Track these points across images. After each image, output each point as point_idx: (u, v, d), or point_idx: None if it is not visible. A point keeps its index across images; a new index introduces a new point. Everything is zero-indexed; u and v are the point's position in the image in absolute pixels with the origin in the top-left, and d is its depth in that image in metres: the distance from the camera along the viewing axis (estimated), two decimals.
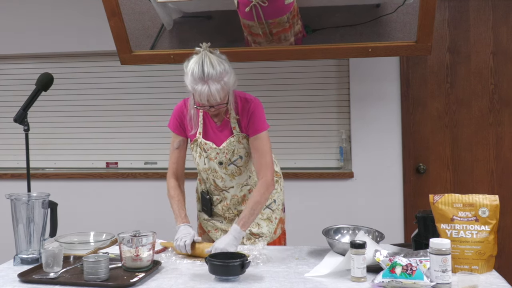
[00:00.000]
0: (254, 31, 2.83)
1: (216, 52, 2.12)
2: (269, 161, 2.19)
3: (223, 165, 2.26)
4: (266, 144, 2.20)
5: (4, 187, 3.50)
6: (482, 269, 1.79)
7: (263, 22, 2.74)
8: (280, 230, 2.40)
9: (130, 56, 3.07)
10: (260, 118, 2.20)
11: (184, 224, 2.19)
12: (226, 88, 2.07)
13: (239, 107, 2.22)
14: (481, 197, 1.83)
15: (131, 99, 3.95)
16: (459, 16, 3.58)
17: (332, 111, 3.75)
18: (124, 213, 3.85)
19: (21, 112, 2.42)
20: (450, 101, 3.62)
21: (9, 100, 4.01)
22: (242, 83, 2.34)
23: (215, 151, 2.24)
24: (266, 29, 2.79)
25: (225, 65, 2.06)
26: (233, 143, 2.22)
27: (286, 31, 2.81)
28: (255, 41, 2.89)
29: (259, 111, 2.20)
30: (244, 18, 2.78)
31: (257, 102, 2.22)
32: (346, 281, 1.74)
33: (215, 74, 2.01)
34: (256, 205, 2.13)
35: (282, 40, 2.85)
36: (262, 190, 2.15)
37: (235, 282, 1.76)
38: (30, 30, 3.93)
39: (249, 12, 2.72)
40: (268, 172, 2.17)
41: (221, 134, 2.24)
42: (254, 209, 2.12)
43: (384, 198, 3.62)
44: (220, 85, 2.03)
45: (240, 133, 2.21)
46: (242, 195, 2.32)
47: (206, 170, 2.31)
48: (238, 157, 2.23)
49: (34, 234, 2.04)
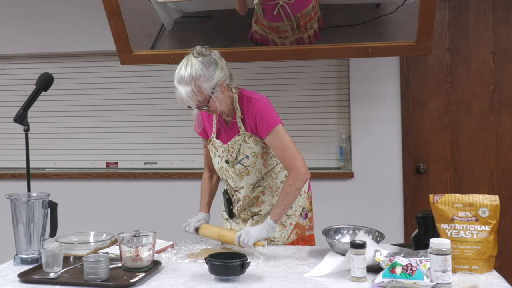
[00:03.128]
0: (281, 29, 2.84)
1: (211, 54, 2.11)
2: (292, 153, 2.16)
3: (230, 164, 2.26)
4: (283, 138, 2.17)
5: (4, 187, 3.50)
6: (482, 269, 1.79)
7: (291, 19, 2.75)
8: (295, 236, 2.33)
9: (130, 56, 3.07)
10: (267, 115, 2.17)
11: (200, 212, 2.36)
12: (201, 91, 2.05)
13: (244, 106, 2.22)
14: (481, 197, 1.83)
15: (131, 99, 3.95)
16: (459, 16, 3.58)
17: (332, 111, 3.75)
18: (124, 213, 3.85)
19: (21, 112, 2.42)
20: (450, 101, 3.62)
21: (9, 100, 4.01)
22: (242, 83, 2.34)
23: (221, 149, 2.26)
24: (294, 23, 2.80)
25: (205, 69, 2.05)
26: (238, 142, 2.22)
27: (312, 19, 2.80)
28: (281, 37, 2.88)
29: (264, 109, 2.18)
30: (272, 22, 2.79)
31: (261, 101, 2.20)
32: (346, 281, 1.74)
33: (186, 77, 2.03)
34: (285, 196, 2.12)
35: (308, 29, 2.83)
36: (291, 181, 2.13)
37: (235, 282, 1.76)
38: (30, 30, 3.93)
39: (277, 14, 2.73)
40: (296, 163, 2.15)
41: (229, 133, 2.25)
42: (283, 200, 2.12)
43: (384, 198, 3.62)
44: (191, 88, 2.04)
45: (246, 132, 2.21)
46: (255, 196, 2.29)
47: (219, 170, 2.33)
48: (244, 156, 2.23)
49: (34, 234, 2.03)
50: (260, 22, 2.84)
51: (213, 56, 2.11)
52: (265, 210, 2.28)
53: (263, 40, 2.93)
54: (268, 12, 2.76)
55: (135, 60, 3.09)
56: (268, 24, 2.82)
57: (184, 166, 3.87)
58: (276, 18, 2.78)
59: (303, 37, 2.88)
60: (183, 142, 3.86)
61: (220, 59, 2.14)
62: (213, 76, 2.07)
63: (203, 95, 2.07)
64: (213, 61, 2.09)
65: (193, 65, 2.04)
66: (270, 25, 2.82)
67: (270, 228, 2.09)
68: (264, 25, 2.83)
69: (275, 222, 2.10)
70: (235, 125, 2.23)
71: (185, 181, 3.77)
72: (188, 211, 2.40)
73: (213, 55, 2.11)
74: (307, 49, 2.94)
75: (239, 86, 2.28)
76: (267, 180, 2.28)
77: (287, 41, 2.91)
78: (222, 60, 2.15)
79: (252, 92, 2.27)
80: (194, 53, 2.08)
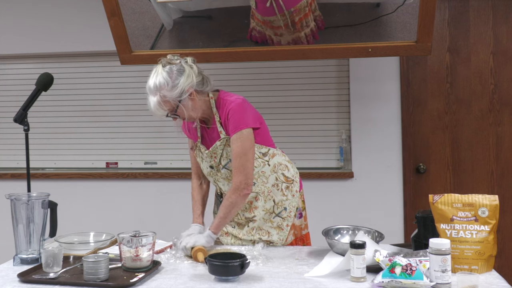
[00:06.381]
0: (275, 25, 2.83)
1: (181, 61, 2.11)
2: (241, 163, 2.12)
3: (215, 169, 2.26)
4: (242, 144, 2.13)
5: (4, 187, 3.51)
6: (481, 269, 1.79)
7: (284, 14, 2.74)
8: (292, 236, 2.32)
9: (130, 56, 3.07)
10: (238, 116, 2.14)
11: (194, 224, 2.29)
12: (167, 101, 2.07)
13: (221, 109, 2.20)
14: (481, 197, 1.83)
15: (131, 99, 3.95)
16: (459, 16, 3.58)
17: (332, 111, 3.75)
18: (124, 213, 3.85)
19: (21, 112, 2.42)
20: (450, 101, 3.62)
21: (9, 100, 4.01)
22: (242, 83, 2.34)
23: (205, 154, 2.26)
24: (288, 19, 2.79)
25: (169, 78, 2.06)
26: (219, 147, 2.20)
27: (307, 16, 2.79)
28: (276, 34, 2.88)
29: (236, 110, 2.15)
30: (264, 16, 2.78)
31: (236, 101, 2.16)
32: (346, 281, 1.74)
33: (152, 88, 2.08)
34: (223, 209, 2.15)
35: (303, 27, 2.83)
36: (229, 194, 2.15)
37: (235, 282, 1.76)
38: (30, 30, 3.93)
39: (269, 8, 2.72)
40: (239, 176, 2.13)
41: (211, 138, 2.25)
42: (220, 212, 2.15)
43: (384, 198, 3.62)
44: (157, 98, 2.07)
45: (227, 136, 2.19)
46: (248, 202, 2.25)
47: (208, 174, 2.32)
48: (229, 160, 2.21)
49: (34, 234, 2.03)
50: (255, 16, 2.83)
51: (182, 64, 2.11)
52: (259, 215, 2.26)
53: (262, 38, 2.93)
54: (260, 4, 2.74)
55: (135, 60, 3.09)
56: (262, 18, 2.80)
57: (184, 166, 3.87)
58: (268, 11, 2.75)
59: (300, 36, 2.87)
60: (183, 142, 3.81)
61: (191, 66, 2.12)
62: (177, 85, 2.07)
63: (169, 104, 2.09)
64: (180, 69, 2.09)
65: (158, 75, 2.08)
66: (264, 20, 2.81)
67: (209, 238, 2.11)
68: (259, 19, 2.82)
69: (214, 233, 2.13)
70: (215, 129, 2.22)
71: (185, 181, 3.74)
72: (188, 211, 2.40)
73: (182, 63, 2.11)
74: (307, 49, 2.94)
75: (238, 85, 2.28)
76: (259, 186, 2.25)
77: (283, 39, 2.90)
78: (193, 66, 2.14)
79: (230, 93, 2.25)
80: (163, 62, 2.11)
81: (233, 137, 2.14)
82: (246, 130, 2.14)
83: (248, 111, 2.19)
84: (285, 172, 2.29)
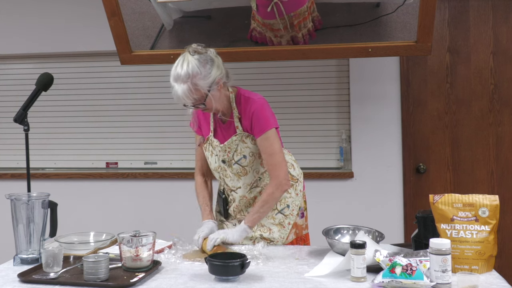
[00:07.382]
0: (275, 27, 2.84)
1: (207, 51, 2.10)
2: (278, 161, 2.17)
3: (227, 164, 2.26)
4: (272, 143, 2.17)
5: (4, 187, 3.50)
6: (482, 269, 1.79)
7: (284, 18, 2.75)
8: (293, 235, 2.33)
9: (130, 56, 3.07)
10: (262, 117, 2.17)
11: (208, 220, 2.27)
12: (198, 89, 2.05)
13: (242, 106, 2.21)
14: (481, 197, 1.83)
15: (131, 99, 3.95)
16: (459, 16, 3.58)
17: (332, 111, 3.75)
18: (124, 213, 3.85)
19: (21, 112, 2.42)
20: (450, 101, 3.62)
21: (9, 100, 4.01)
22: (242, 83, 2.34)
23: (218, 148, 2.25)
24: (287, 22, 2.80)
25: (201, 67, 2.04)
26: (235, 142, 2.21)
27: (306, 19, 2.80)
28: (276, 36, 2.88)
29: (261, 111, 2.17)
30: (265, 19, 2.79)
31: (259, 101, 2.19)
32: (346, 281, 1.74)
33: (183, 75, 2.03)
34: (263, 204, 2.15)
35: (301, 28, 2.83)
36: (271, 190, 2.16)
37: (235, 282, 1.76)
38: (30, 30, 3.93)
39: (270, 12, 2.73)
40: (279, 172, 2.16)
41: (226, 133, 2.25)
42: (260, 208, 2.15)
43: (384, 198, 3.62)
44: (187, 86, 2.03)
45: (243, 132, 2.21)
46: (252, 197, 2.28)
47: (216, 169, 2.32)
48: (242, 156, 2.23)
49: (34, 234, 2.03)
50: (256, 18, 2.84)
51: (209, 54, 2.10)
52: None
53: (262, 39, 2.93)
54: (261, 8, 2.75)
55: (135, 60, 3.09)
56: (262, 20, 2.81)
57: (184, 166, 3.87)
58: (269, 15, 2.77)
59: (297, 36, 2.88)
60: (183, 142, 3.86)
61: (217, 57, 2.13)
62: (209, 74, 2.06)
63: (199, 93, 2.07)
64: (209, 59, 2.08)
65: (189, 63, 2.04)
66: (264, 22, 2.82)
67: (243, 233, 2.13)
68: (259, 21, 2.83)
69: (249, 228, 2.14)
70: (232, 124, 2.22)
71: (185, 181, 3.76)
72: (188, 211, 2.40)
73: (209, 53, 2.11)
74: (307, 49, 2.94)
75: (239, 85, 2.28)
76: (265, 180, 2.28)
77: (283, 40, 2.91)
78: (218, 58, 2.14)
79: (250, 92, 2.26)
80: (190, 51, 2.08)
81: (262, 136, 2.17)
82: (272, 130, 2.18)
83: (271, 111, 2.23)
84: (291, 170, 2.32)
